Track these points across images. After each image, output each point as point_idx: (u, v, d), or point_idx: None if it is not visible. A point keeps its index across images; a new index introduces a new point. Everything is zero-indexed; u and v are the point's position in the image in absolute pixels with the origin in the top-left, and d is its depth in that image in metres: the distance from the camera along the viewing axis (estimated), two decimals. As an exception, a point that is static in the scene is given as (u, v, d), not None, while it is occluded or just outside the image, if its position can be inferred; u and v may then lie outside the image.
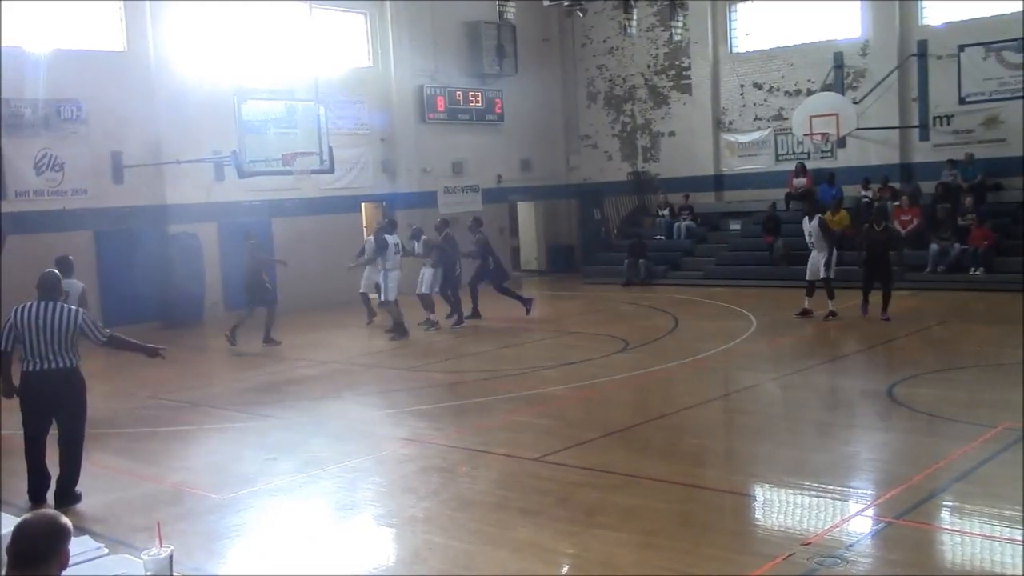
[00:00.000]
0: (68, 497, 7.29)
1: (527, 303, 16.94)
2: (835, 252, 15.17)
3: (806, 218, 15.44)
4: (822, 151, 21.82)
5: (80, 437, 7.47)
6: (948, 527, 6.33)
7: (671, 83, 24.61)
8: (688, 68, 24.16)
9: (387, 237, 15.65)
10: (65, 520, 3.24)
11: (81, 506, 7.30)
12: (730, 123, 23.74)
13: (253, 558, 6.40)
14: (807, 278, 15.36)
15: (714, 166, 23.90)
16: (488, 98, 24.26)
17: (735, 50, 23.66)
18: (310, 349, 15.06)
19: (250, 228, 16.34)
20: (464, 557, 6.04)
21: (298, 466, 8.30)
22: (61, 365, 7.25)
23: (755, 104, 23.26)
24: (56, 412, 7.38)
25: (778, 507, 6.93)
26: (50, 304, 7.30)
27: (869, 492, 7.11)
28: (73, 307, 7.48)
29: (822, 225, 15.21)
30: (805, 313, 15.21)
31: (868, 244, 14.55)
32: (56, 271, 7.74)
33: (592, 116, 26.17)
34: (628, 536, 6.17)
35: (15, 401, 7.54)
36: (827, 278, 15.00)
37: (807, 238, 15.31)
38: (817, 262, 15.07)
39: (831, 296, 14.98)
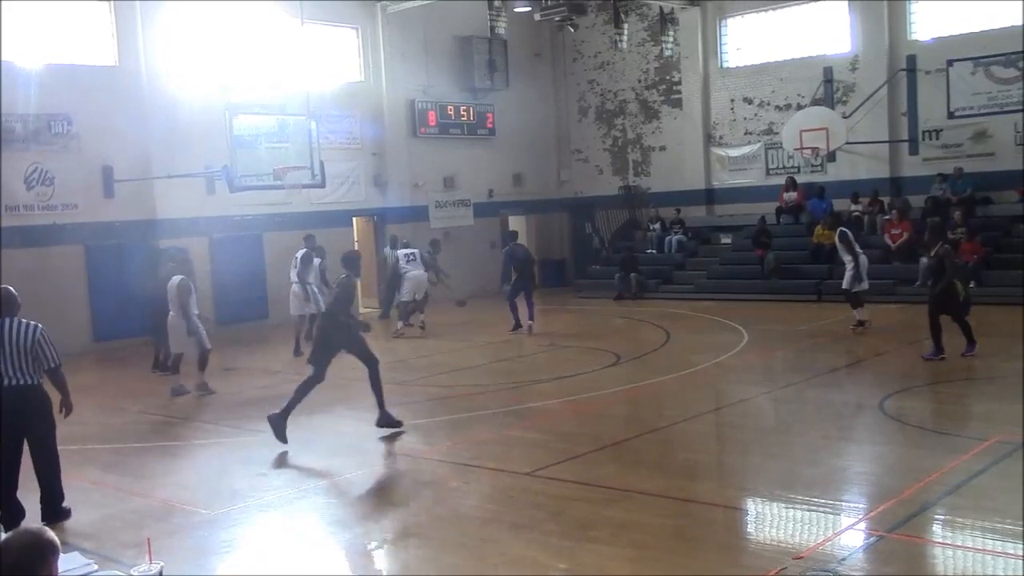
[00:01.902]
0: (56, 514, 7.20)
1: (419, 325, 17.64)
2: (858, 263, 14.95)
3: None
4: (812, 165, 21.95)
5: (52, 454, 7.27)
6: (940, 540, 6.33)
7: (662, 97, 24.70)
8: (679, 83, 24.26)
9: (298, 254, 15.90)
10: (51, 535, 3.20)
11: (70, 522, 7.24)
12: (721, 137, 23.82)
13: (243, 574, 6.36)
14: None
15: (705, 180, 23.98)
16: (479, 112, 24.31)
17: (725, 65, 23.77)
18: (301, 363, 14.96)
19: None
20: (455, 572, 6.02)
21: (288, 481, 8.27)
22: (21, 382, 7.03)
23: (745, 118, 23.36)
24: (23, 431, 7.12)
25: (770, 521, 6.93)
26: (7, 320, 7.09)
27: (861, 506, 7.12)
28: (33, 323, 7.17)
29: (841, 239, 15.09)
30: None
31: (932, 275, 12.65)
32: (10, 288, 7.28)
33: (583, 130, 26.23)
34: (620, 550, 6.16)
35: None
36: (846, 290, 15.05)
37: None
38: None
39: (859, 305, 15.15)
